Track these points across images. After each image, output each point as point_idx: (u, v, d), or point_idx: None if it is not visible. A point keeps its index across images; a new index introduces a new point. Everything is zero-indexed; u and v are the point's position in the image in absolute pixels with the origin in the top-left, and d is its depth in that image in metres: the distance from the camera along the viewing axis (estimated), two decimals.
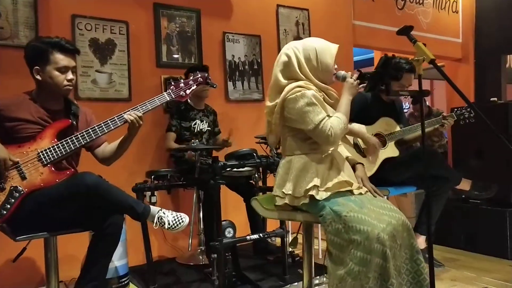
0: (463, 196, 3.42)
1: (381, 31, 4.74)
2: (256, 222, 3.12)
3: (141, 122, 1.97)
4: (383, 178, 2.55)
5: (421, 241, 2.67)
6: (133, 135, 2.03)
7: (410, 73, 2.59)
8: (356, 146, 2.63)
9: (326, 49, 1.86)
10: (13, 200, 1.77)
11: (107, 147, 2.12)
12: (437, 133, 2.72)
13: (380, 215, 1.71)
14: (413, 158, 2.63)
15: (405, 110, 3.65)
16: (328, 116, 1.78)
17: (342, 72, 1.89)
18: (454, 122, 2.66)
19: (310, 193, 1.73)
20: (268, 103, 1.92)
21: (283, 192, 1.83)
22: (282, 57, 1.90)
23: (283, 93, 1.82)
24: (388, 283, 1.60)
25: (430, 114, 5.16)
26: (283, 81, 1.87)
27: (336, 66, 1.90)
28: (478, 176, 3.38)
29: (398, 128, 2.68)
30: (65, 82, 1.93)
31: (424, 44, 1.73)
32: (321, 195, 1.72)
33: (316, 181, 1.75)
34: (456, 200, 3.42)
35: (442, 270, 2.79)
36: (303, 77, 1.85)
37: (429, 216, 1.76)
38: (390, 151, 2.65)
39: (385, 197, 2.23)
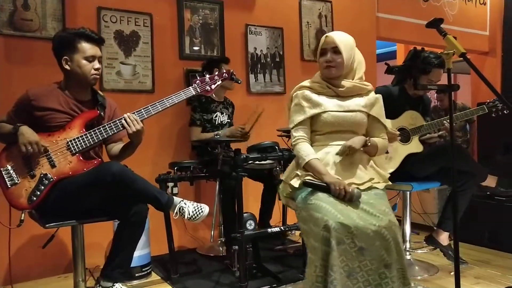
0: (488, 192, 3.34)
1: (405, 24, 4.64)
2: (268, 213, 3.14)
3: (138, 127, 1.91)
4: (406, 174, 2.51)
5: (444, 238, 2.62)
6: (135, 143, 2.00)
7: (439, 68, 2.51)
8: None
9: (319, 43, 1.96)
10: (42, 187, 1.82)
11: (115, 147, 2.12)
12: (460, 128, 2.65)
13: (350, 211, 1.62)
14: (438, 153, 2.57)
15: None
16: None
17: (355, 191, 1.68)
18: (484, 115, 2.59)
19: (290, 181, 1.81)
20: None
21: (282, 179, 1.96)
22: None
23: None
24: (329, 270, 1.52)
25: (454, 108, 5.05)
26: None
27: (327, 56, 1.90)
28: (504, 173, 3.29)
29: (423, 122, 2.62)
30: (93, 71, 1.97)
31: (455, 37, 1.69)
32: (297, 183, 1.77)
33: (300, 171, 1.82)
34: (481, 196, 3.34)
35: (466, 267, 2.74)
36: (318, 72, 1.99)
37: (455, 212, 1.72)
38: (414, 146, 2.60)
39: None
